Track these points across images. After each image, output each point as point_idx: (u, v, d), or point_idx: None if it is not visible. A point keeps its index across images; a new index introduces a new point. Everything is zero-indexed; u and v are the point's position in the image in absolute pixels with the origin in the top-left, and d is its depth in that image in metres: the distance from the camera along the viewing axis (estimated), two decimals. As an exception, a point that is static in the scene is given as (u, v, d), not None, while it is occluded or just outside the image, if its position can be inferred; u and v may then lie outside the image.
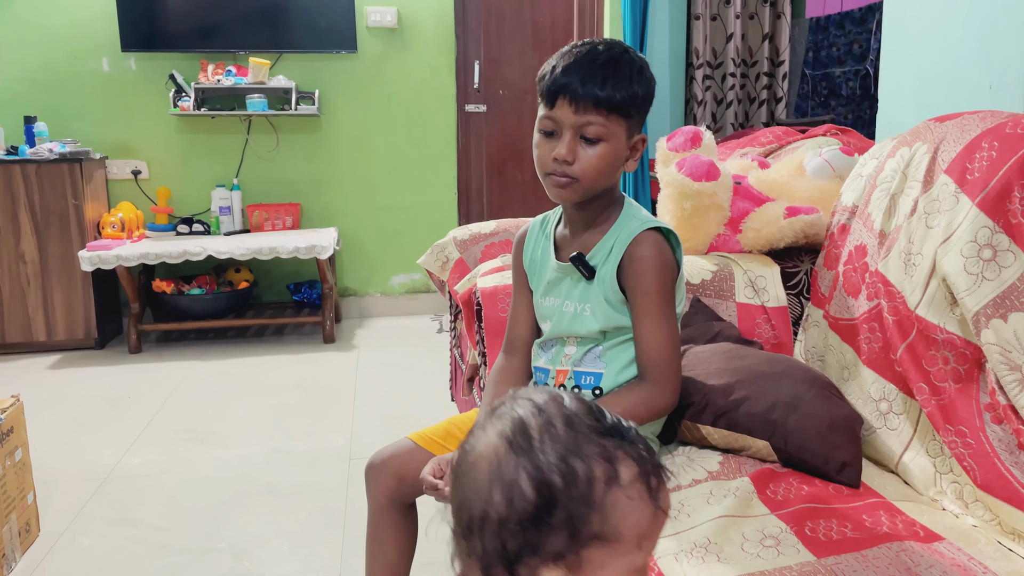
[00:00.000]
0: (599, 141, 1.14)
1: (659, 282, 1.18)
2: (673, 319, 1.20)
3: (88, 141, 3.79)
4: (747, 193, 1.89)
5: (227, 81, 3.75)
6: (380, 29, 3.99)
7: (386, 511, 1.32)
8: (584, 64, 1.12)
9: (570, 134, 1.14)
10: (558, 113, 1.14)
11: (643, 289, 1.18)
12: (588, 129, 1.13)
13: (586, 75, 1.11)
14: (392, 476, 1.31)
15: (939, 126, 1.43)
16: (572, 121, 1.13)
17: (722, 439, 1.28)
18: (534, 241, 1.34)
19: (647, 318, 1.18)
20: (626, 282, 1.19)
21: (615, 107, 1.13)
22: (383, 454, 1.33)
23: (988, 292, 1.16)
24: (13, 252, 3.47)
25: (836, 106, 3.65)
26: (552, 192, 1.19)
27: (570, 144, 1.13)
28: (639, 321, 1.19)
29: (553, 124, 1.15)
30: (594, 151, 1.14)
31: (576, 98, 1.12)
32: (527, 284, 1.34)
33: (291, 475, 2.29)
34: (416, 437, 1.33)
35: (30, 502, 1.91)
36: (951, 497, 1.17)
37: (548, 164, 1.16)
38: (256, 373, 3.28)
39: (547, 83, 1.14)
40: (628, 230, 1.20)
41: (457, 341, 2.22)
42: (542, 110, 1.17)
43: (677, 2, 3.75)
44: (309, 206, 4.10)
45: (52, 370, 3.35)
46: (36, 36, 3.73)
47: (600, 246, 1.21)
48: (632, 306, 1.20)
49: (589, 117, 1.12)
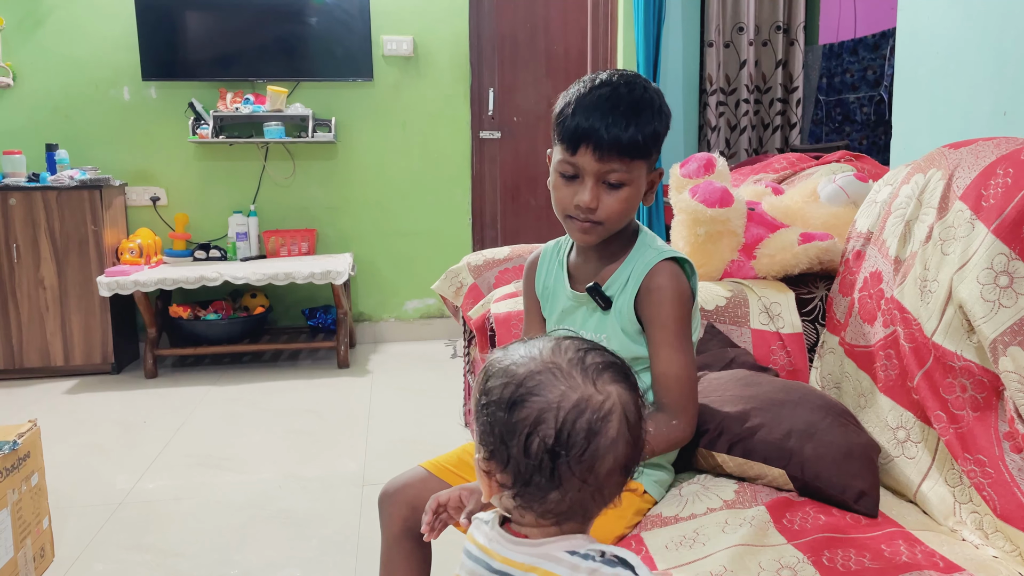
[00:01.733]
0: (622, 186, 1.13)
1: (676, 312, 1.18)
2: (690, 349, 1.20)
3: (108, 168, 3.85)
4: (761, 219, 1.89)
5: (245, 109, 3.80)
6: (396, 58, 4.04)
7: (400, 541, 1.31)
8: (607, 110, 1.10)
9: (592, 180, 1.12)
10: (580, 160, 1.12)
11: (661, 320, 1.18)
12: (611, 176, 1.12)
13: (610, 122, 1.09)
14: (406, 505, 1.30)
15: (953, 152, 1.43)
16: (595, 169, 1.12)
17: (737, 467, 1.27)
18: (547, 268, 1.34)
19: (664, 348, 1.18)
20: (643, 312, 1.19)
21: (638, 152, 1.12)
22: (396, 483, 1.32)
23: (1005, 319, 1.15)
24: (33, 278, 3.51)
25: (850, 132, 3.65)
26: (574, 235, 1.19)
27: (593, 191, 1.12)
28: (656, 351, 1.19)
29: (574, 169, 1.14)
30: (618, 196, 1.14)
31: (599, 147, 1.10)
32: (539, 310, 1.34)
33: (304, 501, 2.29)
34: (429, 466, 1.33)
35: (45, 527, 1.92)
36: (971, 527, 1.15)
37: (570, 208, 1.16)
38: (270, 398, 3.29)
39: (568, 128, 1.12)
40: (644, 261, 1.20)
41: (471, 366, 2.22)
42: (560, 153, 1.14)
43: (690, 29, 3.78)
44: (325, 232, 4.13)
45: (69, 394, 3.37)
46: (58, 65, 3.81)
47: (616, 276, 1.21)
48: (649, 336, 1.20)
49: (613, 165, 1.11)
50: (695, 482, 1.28)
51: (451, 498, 1.18)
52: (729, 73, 3.83)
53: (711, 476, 1.30)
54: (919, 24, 1.93)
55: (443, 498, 1.17)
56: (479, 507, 1.17)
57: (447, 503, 1.17)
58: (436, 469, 1.31)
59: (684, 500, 1.22)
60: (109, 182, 3.64)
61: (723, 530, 1.12)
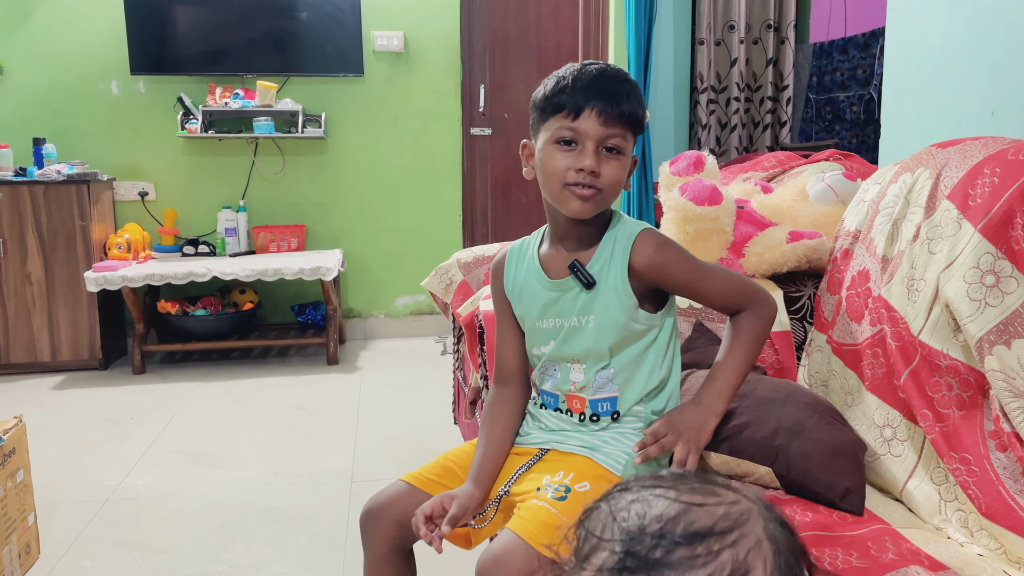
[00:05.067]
0: (620, 153, 1.15)
1: (681, 255, 1.20)
2: (712, 266, 1.24)
3: (96, 163, 3.82)
4: (750, 217, 1.89)
5: (235, 104, 3.78)
6: (387, 53, 4.02)
7: (387, 560, 1.27)
8: (606, 79, 1.14)
9: (593, 145, 1.13)
10: (583, 124, 1.12)
11: (677, 271, 1.19)
12: (611, 141, 1.14)
13: (613, 91, 1.13)
14: (392, 523, 1.25)
15: (941, 152, 1.44)
16: (598, 133, 1.13)
17: (724, 465, 1.28)
18: (515, 266, 1.31)
19: (700, 284, 1.21)
20: (657, 281, 1.20)
21: (632, 123, 1.14)
22: (380, 500, 1.27)
23: (991, 319, 1.16)
24: (19, 272, 3.48)
25: (840, 130, 3.66)
26: (572, 205, 1.16)
27: (592, 154, 1.13)
28: (697, 294, 1.22)
29: (574, 135, 1.14)
30: (616, 163, 1.15)
31: (604, 111, 1.12)
32: (511, 313, 1.32)
33: (293, 498, 2.28)
34: (411, 479, 1.28)
35: (31, 524, 1.91)
36: (956, 525, 1.16)
37: (570, 175, 1.14)
38: (259, 394, 3.27)
39: (570, 94, 1.13)
40: (626, 234, 1.20)
41: (460, 363, 2.22)
42: (558, 122, 1.14)
43: (681, 27, 3.78)
44: (314, 228, 4.12)
45: (56, 390, 3.35)
46: (46, 59, 3.78)
47: (597, 254, 1.20)
48: (680, 291, 1.22)
49: (615, 129, 1.13)
50: (683, 480, 1.29)
51: (434, 507, 1.17)
52: (720, 71, 3.83)
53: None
54: (909, 24, 1.94)
55: (427, 510, 1.17)
56: (462, 511, 1.17)
57: (432, 514, 1.17)
58: (419, 482, 1.27)
59: (671, 498, 1.22)
60: (97, 176, 3.62)
61: (710, 528, 1.12)
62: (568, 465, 1.19)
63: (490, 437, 1.28)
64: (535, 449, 1.27)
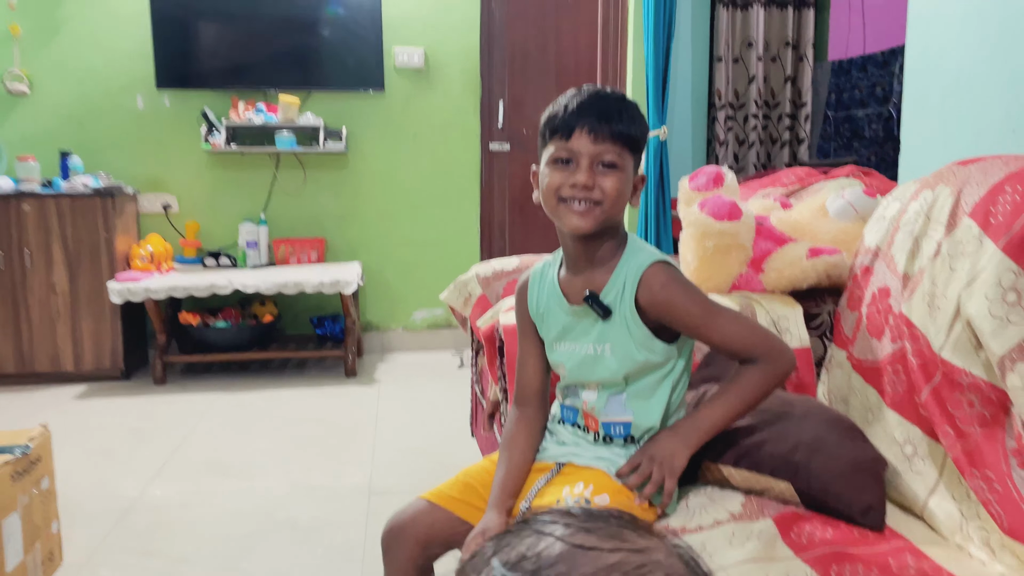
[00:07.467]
0: (615, 168, 1.17)
1: (691, 296, 1.20)
2: (725, 310, 1.22)
3: (121, 175, 3.88)
4: (770, 233, 1.90)
5: (257, 118, 3.83)
6: (407, 69, 4.07)
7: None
8: (597, 99, 1.18)
9: (587, 162, 1.16)
10: (575, 144, 1.16)
11: (686, 312, 1.19)
12: (605, 156, 1.16)
13: (602, 108, 1.16)
14: (416, 543, 1.25)
15: (962, 169, 1.44)
16: (590, 150, 1.16)
17: (744, 480, 1.28)
18: (538, 289, 1.32)
19: (707, 329, 1.20)
20: (664, 320, 1.20)
21: (628, 140, 1.16)
22: (402, 519, 1.27)
23: (1013, 336, 1.15)
24: (45, 283, 3.54)
25: (859, 147, 3.66)
26: (570, 220, 1.18)
27: (587, 170, 1.16)
28: (705, 337, 1.21)
29: (569, 154, 1.17)
30: (612, 177, 1.16)
31: (594, 128, 1.15)
32: (536, 333, 1.33)
33: (311, 509, 2.30)
34: (432, 496, 1.28)
35: (54, 531, 1.93)
36: (978, 543, 1.15)
37: (565, 190, 1.17)
38: (278, 406, 3.30)
39: (562, 118, 1.18)
40: (636, 263, 1.21)
41: (478, 377, 2.23)
42: (554, 145, 1.19)
43: (699, 45, 3.80)
44: (334, 241, 4.15)
45: (79, 400, 3.39)
46: (74, 73, 3.85)
47: (611, 284, 1.22)
48: (687, 332, 1.22)
49: (606, 146, 1.15)
50: (702, 494, 1.29)
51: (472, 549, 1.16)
52: (738, 88, 3.84)
53: (718, 489, 1.30)
54: (929, 42, 1.94)
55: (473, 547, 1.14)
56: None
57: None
58: (440, 499, 1.27)
59: (691, 512, 1.22)
60: (122, 189, 3.67)
61: (730, 543, 1.13)
62: (587, 477, 1.20)
63: (511, 459, 1.28)
64: (552, 464, 1.28)
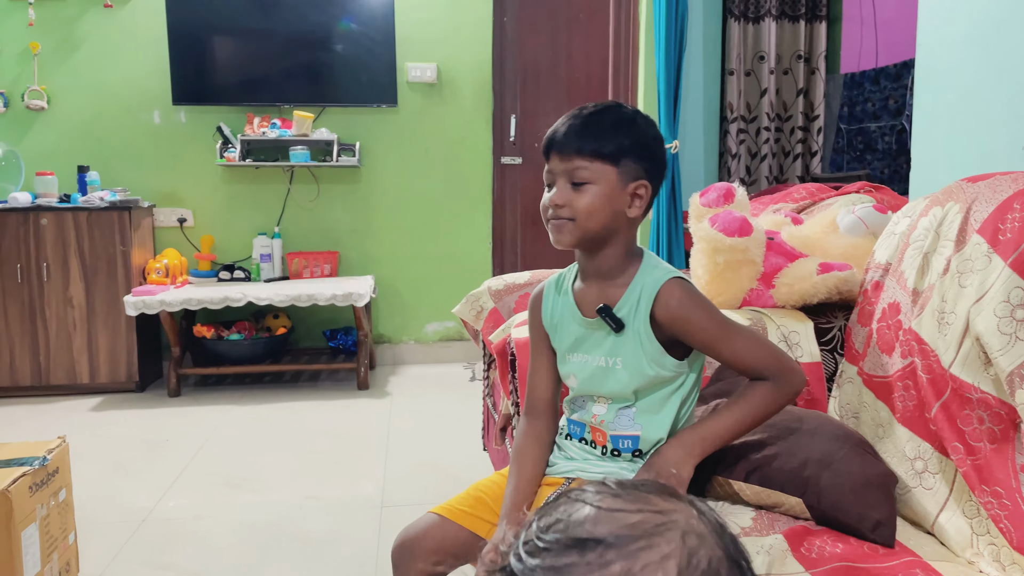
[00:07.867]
0: (586, 183, 1.20)
1: (707, 313, 1.21)
2: (741, 328, 1.23)
3: (137, 190, 3.93)
4: (780, 249, 1.90)
5: (272, 133, 3.88)
6: (420, 84, 4.11)
7: None
8: (569, 120, 1.22)
9: (562, 180, 1.21)
10: (552, 164, 1.23)
11: (701, 329, 1.20)
12: (576, 174, 1.20)
13: (570, 128, 1.21)
14: (426, 558, 1.25)
15: (971, 186, 1.45)
16: (562, 168, 1.21)
17: (754, 495, 1.28)
18: (551, 300, 1.34)
19: (720, 346, 1.21)
20: (680, 336, 1.21)
21: (596, 153, 1.19)
22: (412, 533, 1.27)
23: (1022, 352, 1.16)
24: (62, 296, 3.58)
25: (872, 160, 3.66)
26: (553, 237, 1.24)
27: (561, 190, 1.21)
28: (718, 354, 1.22)
29: (551, 176, 1.23)
30: (584, 193, 1.20)
31: (560, 147, 1.21)
32: (548, 344, 1.34)
33: (323, 522, 2.31)
34: (443, 511, 1.29)
35: (71, 542, 1.95)
36: (988, 559, 1.15)
37: (547, 211, 1.24)
38: (291, 419, 3.32)
39: (544, 142, 1.25)
40: (653, 279, 1.22)
41: (490, 390, 2.24)
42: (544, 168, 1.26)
43: (711, 58, 3.82)
44: (347, 254, 4.18)
45: (94, 412, 3.43)
46: (92, 90, 3.91)
47: (626, 298, 1.23)
48: (702, 349, 1.23)
49: (575, 163, 1.19)
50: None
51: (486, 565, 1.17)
52: (750, 101, 3.86)
53: (728, 504, 1.31)
54: (937, 58, 1.95)
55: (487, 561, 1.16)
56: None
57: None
58: (451, 514, 1.28)
59: (701, 527, 1.23)
60: (138, 203, 3.72)
61: (740, 558, 1.13)
62: (596, 490, 1.21)
63: (521, 471, 1.29)
64: (561, 479, 1.29)
